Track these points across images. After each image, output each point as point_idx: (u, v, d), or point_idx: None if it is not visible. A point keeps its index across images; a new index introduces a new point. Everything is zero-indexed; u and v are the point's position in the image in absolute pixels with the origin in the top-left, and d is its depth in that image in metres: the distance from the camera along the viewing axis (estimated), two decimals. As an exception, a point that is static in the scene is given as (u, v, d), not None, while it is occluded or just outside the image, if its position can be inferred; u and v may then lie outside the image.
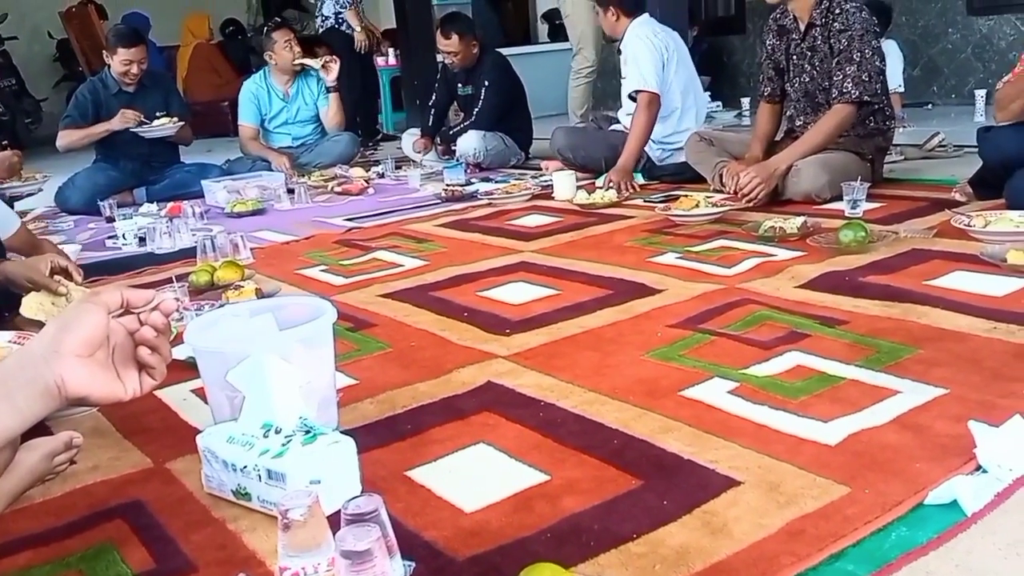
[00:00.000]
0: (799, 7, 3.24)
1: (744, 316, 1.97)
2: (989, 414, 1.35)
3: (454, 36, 4.86)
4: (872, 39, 3.12)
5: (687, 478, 1.28)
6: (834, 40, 3.16)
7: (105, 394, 0.90)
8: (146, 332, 0.93)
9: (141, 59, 4.56)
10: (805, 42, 3.28)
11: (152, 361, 0.93)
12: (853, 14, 3.13)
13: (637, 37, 4.00)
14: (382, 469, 1.37)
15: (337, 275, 2.72)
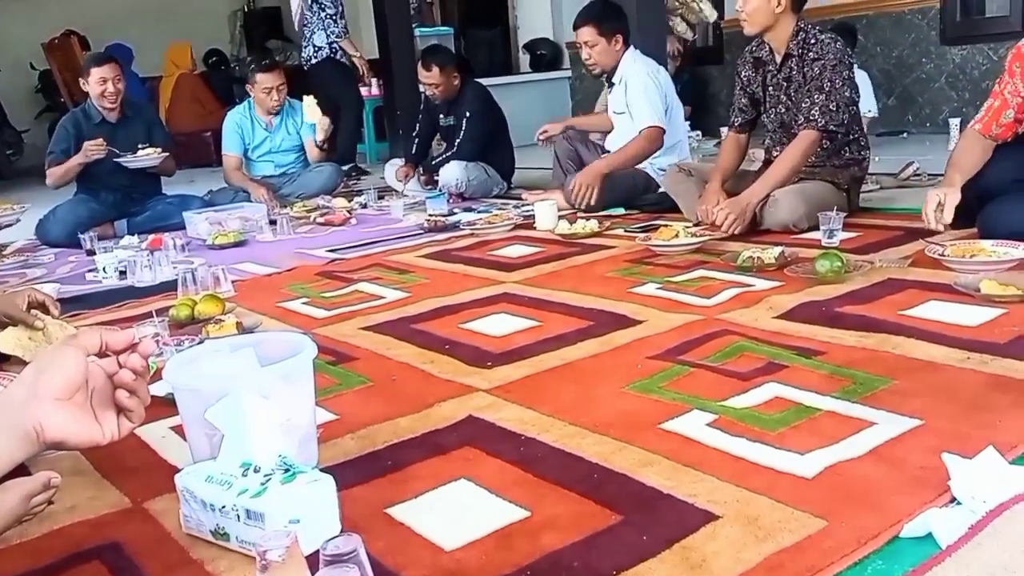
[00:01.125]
0: (776, 38, 3.30)
1: (723, 347, 1.99)
2: (963, 445, 1.37)
3: (435, 68, 4.91)
4: (844, 70, 3.17)
5: (666, 513, 1.28)
6: (808, 69, 3.22)
7: (83, 439, 0.90)
8: (124, 375, 0.93)
9: (116, 76, 4.55)
10: (781, 73, 3.33)
11: (130, 404, 0.93)
12: (828, 44, 3.19)
13: (642, 72, 4.04)
14: (362, 507, 1.36)
15: (319, 308, 2.72)
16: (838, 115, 3.16)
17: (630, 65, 4.11)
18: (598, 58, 4.10)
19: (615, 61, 4.12)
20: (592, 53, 4.09)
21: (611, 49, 4.08)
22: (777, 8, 3.21)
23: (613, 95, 4.23)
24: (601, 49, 4.07)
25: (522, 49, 9.08)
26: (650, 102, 4.01)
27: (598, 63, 4.13)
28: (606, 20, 4.05)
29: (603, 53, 4.09)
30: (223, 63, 10.90)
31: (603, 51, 4.08)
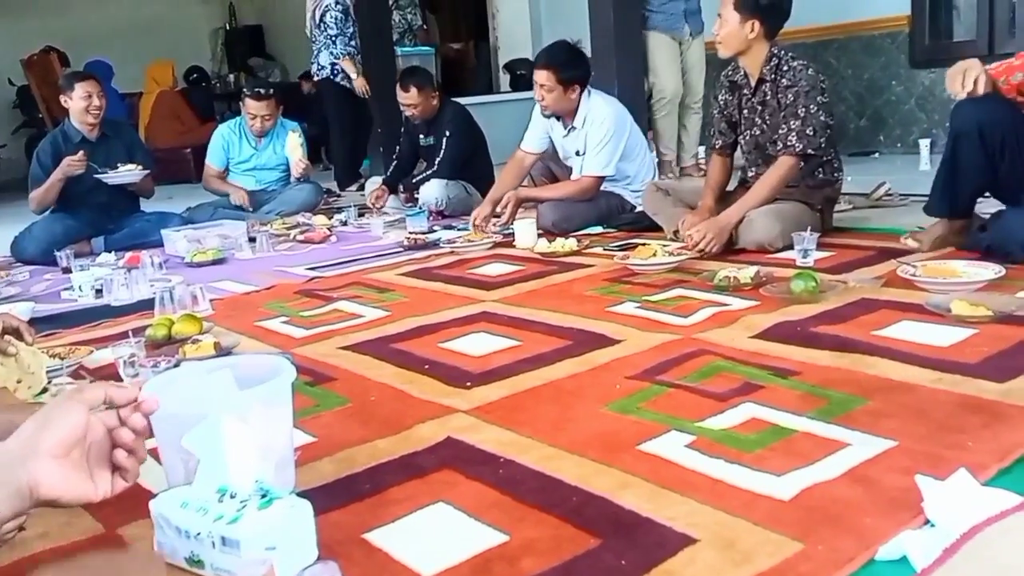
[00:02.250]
0: (749, 63, 3.34)
1: (700, 367, 2.00)
2: (936, 466, 1.39)
3: (412, 89, 4.94)
4: (818, 95, 3.22)
5: (645, 536, 1.29)
6: (782, 95, 3.26)
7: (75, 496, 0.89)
8: (124, 435, 0.93)
9: (99, 91, 4.55)
10: (756, 96, 3.37)
11: (127, 464, 0.93)
12: (800, 71, 3.24)
13: (610, 118, 4.03)
14: (339, 532, 1.36)
15: (297, 327, 2.71)
16: (815, 139, 3.21)
17: (596, 108, 4.05)
18: (550, 102, 4.03)
19: (568, 109, 4.07)
20: (546, 96, 4.01)
21: (566, 97, 4.02)
22: (750, 34, 3.25)
23: (569, 140, 4.19)
24: (557, 96, 4.00)
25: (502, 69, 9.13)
26: (609, 152, 4.02)
27: (550, 107, 4.07)
28: (567, 69, 3.97)
29: (558, 100, 4.02)
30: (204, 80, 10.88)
31: (558, 98, 4.01)
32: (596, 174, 4.05)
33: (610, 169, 4.05)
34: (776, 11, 3.29)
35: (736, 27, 3.26)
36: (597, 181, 4.07)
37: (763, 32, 3.26)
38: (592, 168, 4.05)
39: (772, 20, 3.28)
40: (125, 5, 10.36)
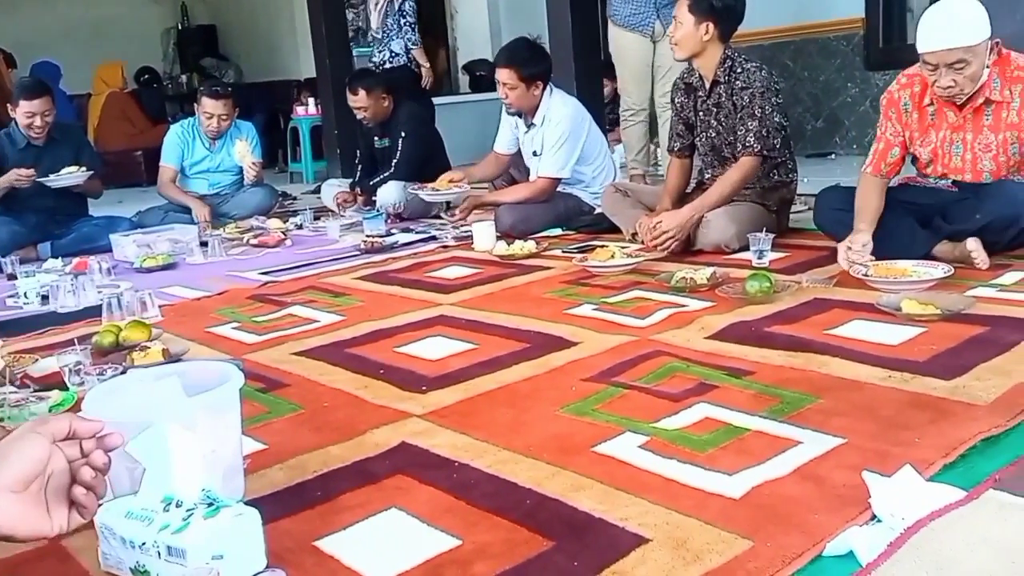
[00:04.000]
0: (704, 65, 3.37)
1: (656, 368, 2.01)
2: (883, 463, 1.41)
3: (361, 92, 4.91)
4: (772, 96, 3.26)
5: (598, 537, 1.29)
6: (736, 97, 3.30)
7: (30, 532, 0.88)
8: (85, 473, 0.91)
9: (45, 111, 4.47)
10: (711, 99, 3.40)
11: (85, 501, 0.91)
12: (754, 72, 3.27)
13: (566, 119, 4.02)
14: (289, 540, 1.34)
15: (250, 332, 2.68)
16: (769, 140, 3.25)
17: (555, 107, 4.05)
18: (514, 100, 4.04)
19: (532, 105, 4.08)
20: (509, 95, 4.02)
21: (529, 94, 4.03)
22: (705, 36, 3.28)
23: (530, 137, 4.20)
24: (520, 93, 4.01)
25: (461, 70, 9.12)
26: (564, 153, 4.02)
27: (514, 104, 4.08)
28: (527, 66, 3.98)
29: (521, 97, 4.03)
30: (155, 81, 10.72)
31: (521, 95, 4.02)
32: (551, 176, 4.06)
33: (566, 172, 4.06)
34: (730, 13, 3.32)
35: (691, 29, 3.30)
36: (552, 183, 4.08)
37: (717, 34, 3.29)
38: (547, 170, 4.06)
39: (726, 22, 3.31)
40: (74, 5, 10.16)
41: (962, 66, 2.55)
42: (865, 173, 2.92)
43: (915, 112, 2.84)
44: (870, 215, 2.75)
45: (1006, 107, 2.65)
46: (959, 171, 2.80)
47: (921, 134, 2.84)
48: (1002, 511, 1.27)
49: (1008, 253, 2.68)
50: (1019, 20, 3.26)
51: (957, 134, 2.76)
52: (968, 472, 1.39)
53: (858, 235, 2.66)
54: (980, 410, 1.62)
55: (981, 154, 2.74)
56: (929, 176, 2.91)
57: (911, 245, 2.68)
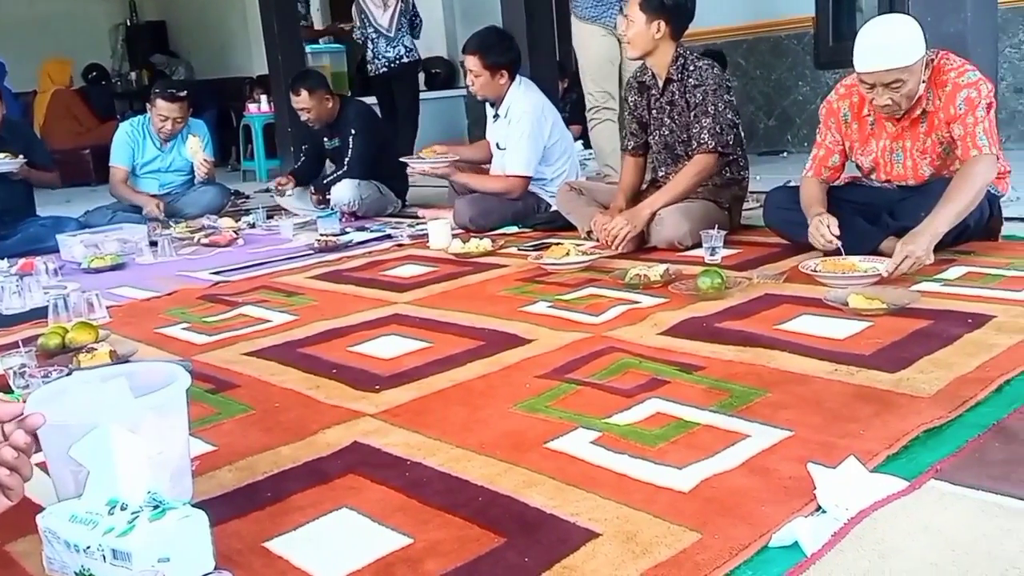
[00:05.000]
0: (657, 63, 3.40)
1: (609, 364, 2.02)
2: (829, 455, 1.43)
3: (303, 92, 4.87)
4: (724, 94, 3.30)
5: (549, 533, 1.29)
6: (689, 95, 3.33)
7: None
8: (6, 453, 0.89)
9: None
10: (664, 97, 3.43)
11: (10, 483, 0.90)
12: (706, 70, 3.31)
13: (528, 113, 4.02)
14: (238, 542, 1.33)
15: (200, 333, 2.64)
16: (724, 137, 3.29)
17: (517, 102, 4.07)
18: (481, 88, 4.08)
19: (499, 94, 4.10)
20: (475, 82, 4.07)
21: (495, 83, 4.05)
22: (657, 34, 3.31)
23: (496, 128, 4.21)
24: (485, 81, 4.05)
25: (419, 69, 9.07)
26: (527, 151, 4.02)
27: (479, 92, 4.12)
28: (493, 54, 4.01)
29: (486, 85, 4.06)
30: (104, 78, 10.53)
31: (486, 83, 4.05)
32: (519, 174, 4.05)
33: (531, 170, 4.06)
34: (681, 11, 3.35)
35: (643, 27, 3.32)
36: (523, 182, 4.07)
37: (669, 32, 3.32)
38: (514, 167, 4.05)
39: (677, 20, 3.34)
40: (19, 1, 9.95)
41: (899, 85, 2.60)
42: (806, 177, 2.99)
43: (854, 122, 2.89)
44: (819, 202, 2.83)
45: (937, 114, 2.71)
46: (902, 177, 2.87)
47: (862, 144, 2.90)
48: (943, 500, 1.30)
49: (952, 249, 2.74)
50: (962, 20, 3.32)
51: (897, 143, 2.82)
52: (911, 463, 1.42)
53: (823, 216, 2.71)
54: (923, 402, 1.65)
55: (920, 160, 2.80)
56: (873, 180, 2.97)
57: (859, 241, 2.73)
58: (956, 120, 2.64)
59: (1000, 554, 1.14)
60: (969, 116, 2.61)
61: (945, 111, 2.67)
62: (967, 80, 2.64)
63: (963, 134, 2.63)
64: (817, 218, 2.72)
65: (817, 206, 2.81)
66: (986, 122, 2.62)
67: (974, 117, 2.61)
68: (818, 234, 2.69)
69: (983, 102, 2.62)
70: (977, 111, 2.61)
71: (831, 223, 2.67)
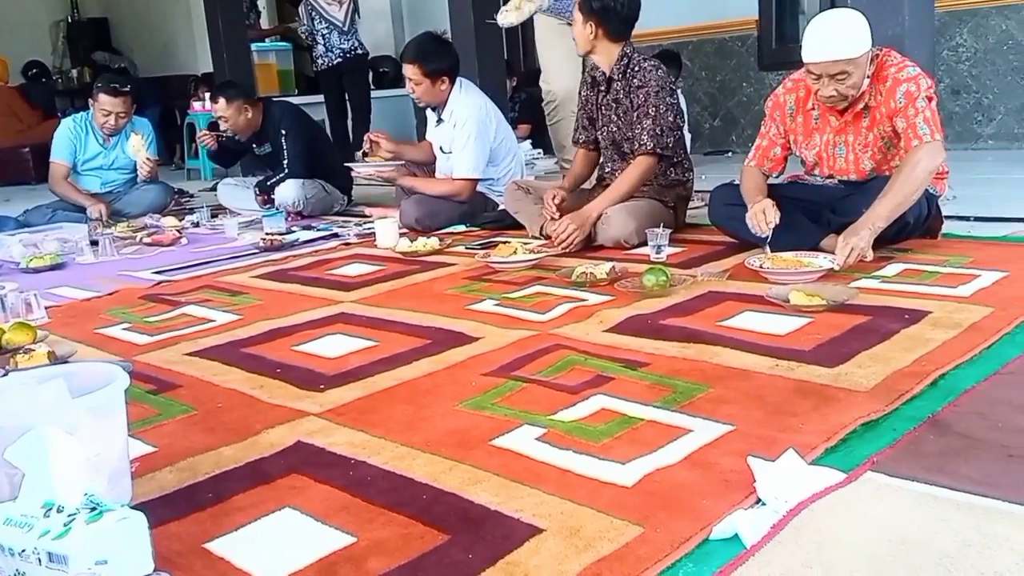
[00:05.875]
0: (601, 61, 3.43)
1: (555, 362, 2.03)
2: (769, 448, 1.46)
3: (221, 100, 4.82)
4: (667, 96, 3.33)
5: (493, 529, 1.30)
6: (633, 95, 3.36)
7: None
8: None
9: None
10: (609, 94, 3.45)
11: None
12: (650, 71, 3.34)
13: (473, 116, 4.00)
14: (178, 543, 1.31)
15: (141, 333, 2.60)
16: (664, 139, 3.32)
17: (460, 106, 4.05)
18: (421, 95, 4.05)
19: (441, 99, 4.08)
20: (416, 89, 4.03)
21: (436, 89, 4.03)
22: (591, 35, 3.35)
23: (439, 132, 4.19)
24: (426, 88, 4.01)
25: (366, 66, 9.02)
26: (474, 153, 4.00)
27: (421, 99, 4.09)
28: (432, 61, 3.97)
29: (428, 92, 4.03)
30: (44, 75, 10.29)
31: (428, 90, 4.02)
32: (467, 176, 4.04)
33: (479, 172, 4.05)
34: (610, 15, 3.34)
35: (580, 27, 3.37)
36: (471, 185, 4.06)
37: (604, 33, 3.35)
38: (461, 171, 4.04)
39: (609, 23, 3.35)
40: (-45, -4, 9.70)
41: (844, 77, 2.65)
42: (748, 165, 3.04)
43: (799, 116, 2.95)
44: (760, 190, 2.89)
45: (879, 108, 2.77)
46: (844, 172, 2.92)
47: (805, 137, 2.95)
48: (879, 492, 1.32)
49: (891, 246, 2.80)
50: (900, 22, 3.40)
51: (840, 136, 2.88)
52: (848, 455, 1.44)
53: (763, 202, 2.76)
54: (861, 396, 1.69)
55: (861, 154, 2.86)
56: (816, 176, 3.02)
57: (802, 237, 2.78)
58: (897, 114, 2.70)
59: (934, 544, 1.16)
60: (910, 108, 2.67)
61: (886, 105, 2.73)
62: (906, 75, 2.70)
63: (905, 126, 2.68)
64: (758, 203, 2.76)
65: (758, 193, 2.86)
66: (927, 111, 2.68)
67: (915, 108, 2.67)
68: (756, 220, 2.73)
69: (923, 94, 2.68)
70: (917, 102, 2.67)
71: (767, 208, 2.71)
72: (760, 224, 2.72)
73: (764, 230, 2.70)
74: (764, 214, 2.71)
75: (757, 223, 2.73)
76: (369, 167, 4.36)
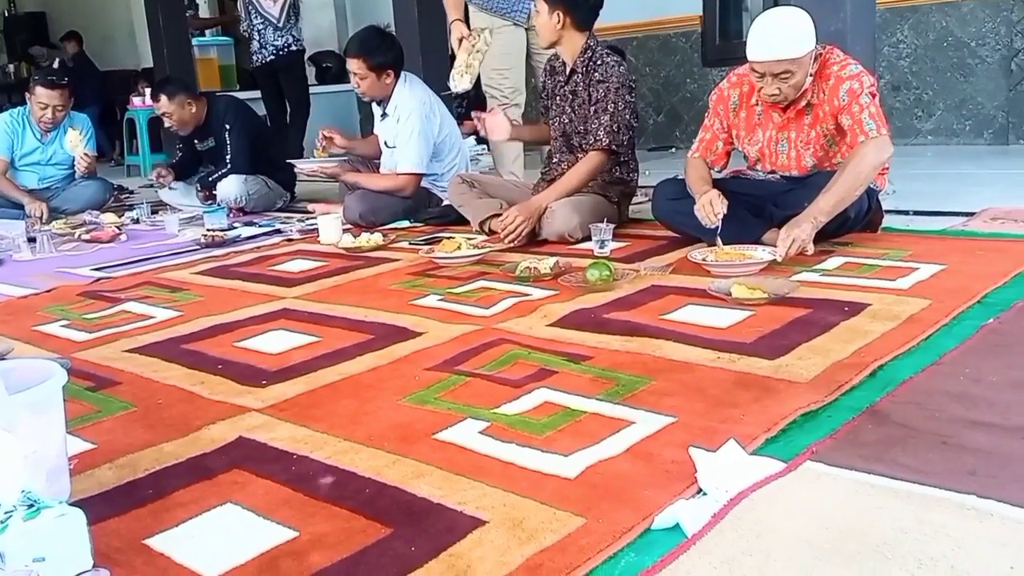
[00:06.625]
0: (565, 52, 3.44)
1: (498, 356, 2.03)
2: (710, 439, 1.48)
3: (162, 97, 4.75)
4: (627, 93, 3.35)
5: (436, 522, 1.30)
6: (593, 89, 3.37)
7: None
8: None
9: None
10: (568, 85, 3.46)
11: None
12: (612, 67, 3.35)
13: (416, 111, 3.98)
14: (118, 540, 1.29)
15: (80, 330, 2.55)
16: (619, 136, 3.34)
17: (404, 100, 4.03)
18: (366, 89, 4.02)
19: (385, 93, 4.06)
20: (361, 84, 4.00)
21: (381, 83, 4.00)
22: (558, 25, 3.35)
23: (384, 126, 4.17)
24: (371, 83, 3.98)
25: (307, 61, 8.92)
26: (417, 148, 3.98)
27: (367, 93, 4.06)
28: (376, 55, 3.94)
29: (372, 86, 4.00)
30: (-22, 69, 10.02)
31: (372, 84, 3.99)
32: (410, 171, 4.02)
33: (423, 167, 4.03)
34: (579, 3, 3.37)
35: (546, 18, 3.36)
36: (415, 179, 4.04)
37: (571, 23, 3.36)
38: (405, 165, 4.02)
39: (578, 12, 3.36)
40: None
41: (787, 76, 2.70)
42: (692, 157, 3.07)
43: (742, 111, 2.99)
44: (705, 181, 2.92)
45: (821, 107, 2.82)
46: (786, 168, 2.97)
47: (748, 132, 3.00)
48: (818, 480, 1.35)
49: (832, 240, 2.85)
50: (842, 18, 3.46)
51: (782, 133, 2.93)
52: (788, 445, 1.47)
53: (711, 192, 2.79)
54: (801, 387, 1.71)
55: (803, 151, 2.91)
56: (758, 171, 3.07)
57: (744, 230, 2.82)
58: (841, 111, 2.75)
59: (872, 531, 1.18)
60: (854, 105, 2.72)
61: (829, 103, 2.78)
62: (849, 73, 2.76)
63: (851, 123, 2.73)
64: (706, 194, 2.79)
65: (704, 184, 2.89)
66: (872, 107, 2.73)
67: (859, 105, 2.72)
68: (704, 211, 2.76)
69: (866, 91, 2.73)
70: (861, 99, 2.72)
71: (713, 199, 2.75)
72: (708, 215, 2.75)
73: (713, 221, 2.73)
74: (712, 205, 2.74)
75: (706, 214, 2.76)
76: (312, 163, 4.32)
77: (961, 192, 3.81)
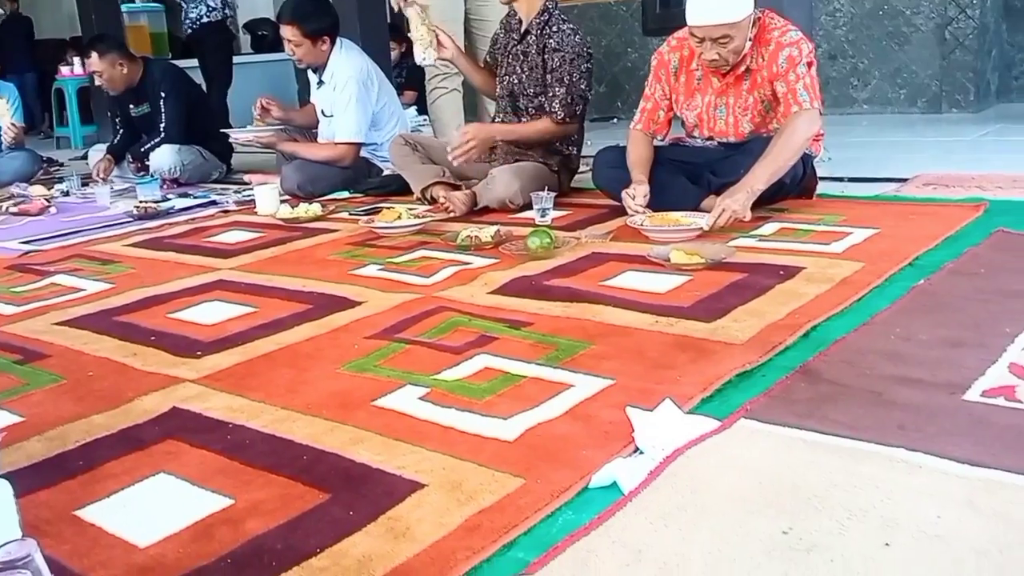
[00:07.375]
0: (523, 10, 3.39)
1: (439, 323, 2.03)
2: (648, 400, 1.49)
3: (93, 55, 4.62)
4: (582, 63, 3.33)
5: (374, 487, 1.29)
6: (548, 56, 3.33)
7: None
8: None
9: None
10: (521, 45, 3.42)
11: None
12: (568, 35, 3.32)
13: (353, 79, 3.91)
14: (47, 511, 1.26)
15: (7, 304, 2.48)
16: (572, 108, 3.32)
17: (341, 67, 3.96)
18: (302, 56, 3.94)
19: (321, 60, 3.98)
20: (296, 51, 3.92)
21: (316, 50, 3.93)
22: None
23: (321, 94, 4.10)
24: (306, 49, 3.91)
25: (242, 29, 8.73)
26: (355, 117, 3.92)
27: (302, 61, 3.99)
28: (311, 21, 3.87)
29: (308, 53, 3.93)
30: None
31: (307, 51, 3.92)
32: (349, 140, 3.95)
33: (362, 136, 3.97)
34: None
35: None
36: (353, 149, 3.98)
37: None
38: (343, 134, 3.96)
39: None
40: None
41: (726, 41, 2.71)
42: (635, 130, 3.07)
43: (682, 75, 2.99)
44: (644, 165, 2.91)
45: (760, 72, 2.84)
46: (723, 133, 2.99)
47: (687, 97, 3.01)
48: (752, 437, 1.37)
49: (768, 206, 2.88)
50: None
51: (720, 98, 2.94)
52: (723, 404, 1.49)
53: (639, 186, 2.80)
54: (736, 348, 1.74)
55: (741, 116, 2.94)
56: (696, 137, 3.09)
57: (682, 198, 2.84)
58: (778, 78, 2.78)
59: (803, 485, 1.20)
60: (791, 73, 2.75)
61: (768, 69, 2.80)
62: (789, 39, 2.78)
63: (785, 91, 2.76)
64: (634, 185, 2.80)
65: (639, 171, 2.89)
66: (807, 78, 2.76)
67: (795, 74, 2.75)
68: (627, 204, 2.78)
69: (804, 60, 2.76)
70: (798, 68, 2.75)
71: (638, 194, 2.76)
72: (629, 206, 2.77)
73: (635, 218, 2.73)
74: (631, 199, 2.75)
75: (628, 208, 2.77)
76: (248, 132, 4.23)
77: (894, 159, 3.88)
